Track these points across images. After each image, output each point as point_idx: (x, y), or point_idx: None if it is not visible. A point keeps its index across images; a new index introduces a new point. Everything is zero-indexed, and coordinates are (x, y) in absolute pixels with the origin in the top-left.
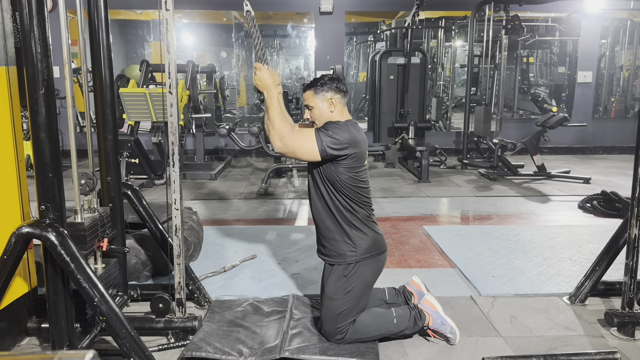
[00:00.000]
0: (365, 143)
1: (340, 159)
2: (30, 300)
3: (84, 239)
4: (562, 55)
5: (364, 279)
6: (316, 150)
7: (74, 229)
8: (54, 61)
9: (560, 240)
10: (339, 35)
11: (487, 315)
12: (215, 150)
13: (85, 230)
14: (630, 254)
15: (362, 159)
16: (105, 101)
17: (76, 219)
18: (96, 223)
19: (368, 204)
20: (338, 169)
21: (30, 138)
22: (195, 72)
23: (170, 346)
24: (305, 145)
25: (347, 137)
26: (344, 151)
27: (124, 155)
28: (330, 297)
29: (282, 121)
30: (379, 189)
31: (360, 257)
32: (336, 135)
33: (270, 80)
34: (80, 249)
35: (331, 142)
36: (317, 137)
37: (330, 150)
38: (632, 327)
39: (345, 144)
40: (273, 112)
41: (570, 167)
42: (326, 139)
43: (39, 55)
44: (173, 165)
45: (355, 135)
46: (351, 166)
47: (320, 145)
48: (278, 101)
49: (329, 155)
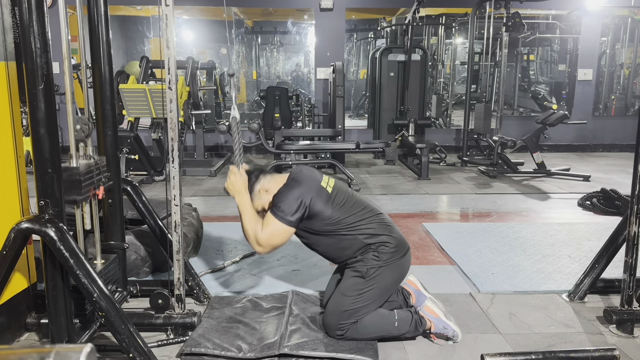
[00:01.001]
0: (313, 180)
1: (306, 213)
2: (29, 295)
3: (79, 184)
4: (562, 53)
5: (383, 285)
6: (286, 228)
7: (68, 174)
8: (53, 57)
9: (559, 237)
10: (340, 32)
11: (486, 312)
12: (215, 147)
13: (80, 174)
14: (629, 252)
15: (321, 194)
16: (104, 97)
17: (71, 164)
18: (92, 169)
19: (371, 212)
20: (318, 217)
21: (29, 134)
22: (195, 68)
23: (169, 342)
24: (276, 234)
25: (294, 195)
26: (302, 207)
27: (124, 151)
28: (342, 292)
29: (255, 224)
30: (379, 186)
31: (384, 263)
32: (286, 203)
33: (242, 185)
34: (75, 194)
35: (288, 211)
36: (277, 217)
37: (293, 217)
38: (631, 325)
39: (298, 201)
40: (245, 220)
41: (570, 165)
42: (282, 213)
43: (38, 50)
44: (173, 161)
45: (298, 187)
46: (322, 205)
47: (283, 221)
48: (249, 205)
49: (297, 221)
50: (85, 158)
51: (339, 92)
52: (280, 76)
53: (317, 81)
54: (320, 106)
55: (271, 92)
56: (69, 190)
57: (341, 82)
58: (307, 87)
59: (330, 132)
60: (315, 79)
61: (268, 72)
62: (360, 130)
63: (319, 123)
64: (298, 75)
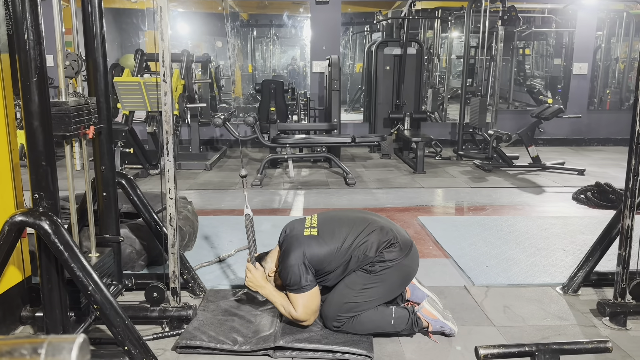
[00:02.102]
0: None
1: (314, 270)
2: (24, 289)
3: (67, 120)
4: (558, 47)
5: (388, 284)
6: (309, 294)
7: (57, 109)
8: (47, 50)
9: (554, 231)
10: (335, 25)
11: (481, 304)
12: (211, 141)
13: (69, 110)
14: (623, 245)
15: (311, 243)
16: (99, 90)
17: (60, 99)
18: (81, 107)
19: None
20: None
21: (23, 127)
22: (190, 61)
23: (164, 335)
24: (307, 304)
25: (292, 263)
26: (306, 268)
27: (119, 144)
28: (346, 285)
29: (288, 307)
30: (375, 180)
31: (390, 263)
32: (291, 275)
33: (261, 279)
34: (64, 130)
35: (299, 279)
36: (295, 292)
37: (306, 281)
38: (624, 317)
39: (300, 267)
40: (279, 308)
41: (565, 159)
42: (296, 285)
43: (32, 42)
44: (167, 154)
45: (290, 256)
46: (318, 252)
47: (301, 291)
48: (276, 294)
49: (311, 280)
50: (75, 96)
51: (334, 86)
52: (276, 69)
53: (313, 75)
54: (315, 100)
55: (267, 85)
56: (58, 126)
57: (337, 76)
58: (302, 81)
59: (326, 126)
60: (311, 72)
61: (264, 65)
62: (356, 124)
63: (315, 117)
64: (294, 68)
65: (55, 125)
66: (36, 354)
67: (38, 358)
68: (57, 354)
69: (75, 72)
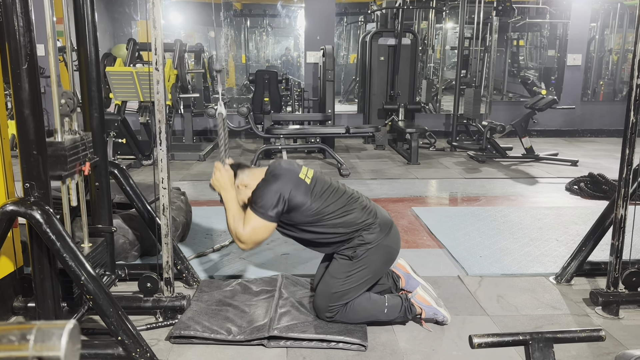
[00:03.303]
0: (290, 172)
1: (286, 207)
2: (16, 279)
3: (64, 159)
4: (552, 38)
5: (372, 266)
6: (266, 224)
7: (53, 149)
8: (38, 39)
9: (547, 221)
10: (329, 15)
11: (474, 294)
12: (204, 131)
13: (65, 149)
14: (616, 234)
15: (300, 186)
16: (91, 79)
17: (56, 139)
18: (77, 145)
19: (352, 199)
20: (298, 209)
21: (14, 116)
22: (183, 51)
23: (158, 325)
24: (257, 230)
25: (273, 189)
26: (282, 201)
27: (111, 135)
28: (331, 275)
29: (237, 221)
30: (369, 171)
31: (371, 245)
32: (264, 198)
33: (228, 182)
34: (61, 169)
35: (268, 206)
36: (256, 214)
37: (273, 212)
38: (617, 306)
39: (276, 196)
40: (229, 217)
41: (559, 150)
42: (262, 209)
43: (21, 29)
44: (160, 144)
45: (276, 181)
46: (301, 197)
47: (263, 217)
48: (234, 202)
49: (277, 215)
50: (70, 133)
51: (329, 76)
52: (269, 60)
53: (307, 65)
54: (310, 90)
55: (260, 75)
56: (54, 166)
57: (331, 66)
58: (296, 71)
59: (320, 117)
60: (305, 62)
61: (257, 55)
62: (350, 115)
63: (309, 107)
64: (288, 59)
65: (51, 166)
66: (25, 340)
67: (27, 344)
68: (46, 340)
69: (70, 110)
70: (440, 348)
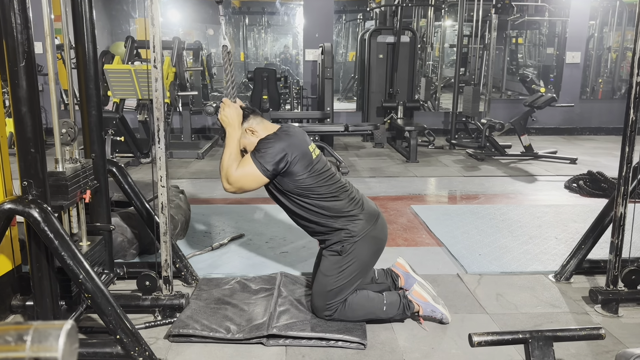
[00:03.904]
0: (302, 140)
1: (285, 169)
2: (14, 277)
3: (65, 189)
4: (550, 36)
5: (361, 259)
6: (259, 175)
7: (55, 179)
8: (36, 37)
9: (546, 219)
10: (328, 13)
11: (474, 292)
12: (202, 129)
13: (66, 179)
14: (616, 232)
15: (306, 156)
16: (89, 76)
17: (57, 169)
18: (78, 173)
19: (342, 188)
20: (293, 177)
21: (12, 114)
22: (182, 48)
23: (157, 323)
24: (248, 176)
25: (281, 146)
26: (284, 161)
27: (109, 133)
28: (323, 273)
29: (232, 161)
30: (368, 169)
31: (358, 237)
32: (269, 150)
33: (236, 118)
34: (62, 199)
35: (268, 159)
36: (254, 161)
37: (271, 167)
38: (616, 304)
39: (282, 154)
40: (226, 154)
41: (557, 148)
42: (262, 159)
43: (19, 26)
44: (159, 142)
45: (287, 140)
46: (302, 167)
47: (260, 167)
48: (236, 141)
49: (273, 172)
50: (71, 162)
51: (327, 74)
52: (268, 58)
53: (306, 63)
54: (308, 88)
55: (259, 73)
56: (56, 196)
57: (330, 64)
58: (295, 69)
59: (318, 115)
60: (304, 60)
61: (256, 53)
62: (349, 113)
63: (308, 105)
64: (286, 57)
65: (52, 195)
66: (22, 341)
67: (24, 345)
68: (43, 341)
69: (71, 139)
70: (440, 346)
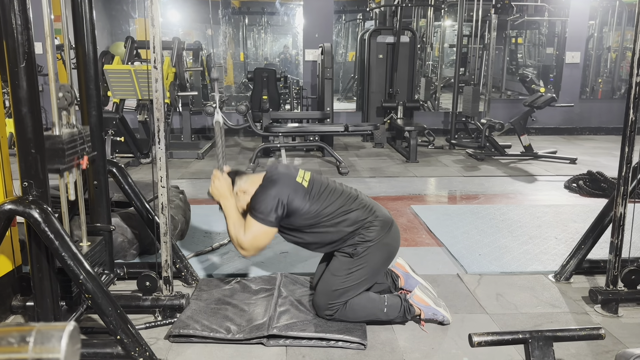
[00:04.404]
0: (288, 178)
1: (285, 211)
2: (14, 278)
3: (62, 153)
4: (550, 36)
5: (372, 264)
6: (267, 229)
7: (51, 142)
8: (36, 37)
9: (546, 219)
10: (328, 13)
11: (474, 292)
12: (202, 129)
13: (63, 143)
14: (615, 232)
15: (298, 190)
16: (89, 76)
17: (54, 132)
18: (75, 138)
19: (349, 198)
20: (297, 213)
21: (12, 115)
22: (181, 49)
23: (157, 324)
24: (258, 236)
25: (271, 194)
26: (281, 206)
27: (109, 133)
28: (332, 272)
29: (238, 228)
30: (368, 169)
31: (371, 242)
32: (263, 204)
33: (227, 189)
34: (59, 163)
35: (267, 211)
36: (256, 219)
37: (272, 217)
38: (616, 304)
39: (275, 201)
40: (229, 224)
41: (557, 148)
42: (261, 214)
43: (19, 27)
44: (159, 142)
45: (274, 187)
46: (300, 201)
47: (263, 222)
48: (234, 210)
49: (277, 219)
50: (68, 127)
51: (327, 74)
52: (268, 58)
53: (306, 63)
54: (308, 88)
55: (259, 73)
56: (52, 159)
57: (330, 64)
58: (295, 69)
59: (318, 115)
60: (304, 60)
61: (255, 53)
62: (348, 113)
63: (308, 105)
64: (286, 57)
65: (49, 159)
66: (24, 342)
67: (26, 347)
68: (46, 342)
69: (68, 104)
70: (440, 347)
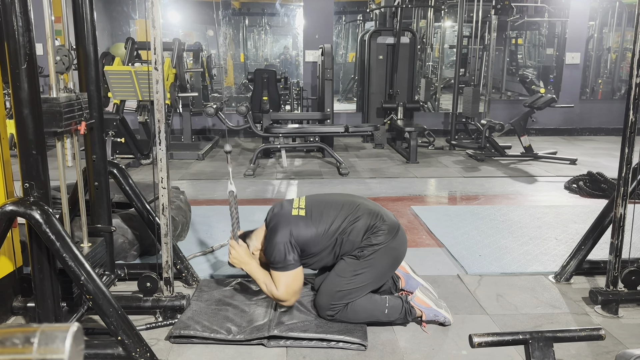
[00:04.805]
0: (285, 219)
1: (298, 248)
2: (15, 279)
3: (59, 116)
4: (550, 37)
5: (378, 268)
6: (292, 273)
7: (48, 105)
8: (37, 38)
9: (546, 220)
10: (328, 14)
11: (474, 293)
12: (203, 130)
13: (60, 106)
14: (615, 233)
15: (299, 223)
16: (89, 78)
17: (51, 95)
18: (72, 103)
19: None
20: (310, 243)
21: (13, 116)
22: (182, 50)
23: (158, 325)
24: (289, 283)
25: (279, 242)
26: (292, 246)
27: (110, 134)
28: (337, 273)
29: (270, 286)
30: (368, 170)
31: (378, 246)
32: (276, 253)
33: (245, 256)
34: (55, 126)
35: (284, 257)
36: (278, 270)
37: (291, 258)
38: (616, 305)
39: (284, 246)
40: (261, 286)
41: (557, 148)
42: (280, 263)
43: (20, 29)
44: (159, 143)
45: (277, 235)
46: (306, 232)
47: (285, 269)
48: (259, 271)
49: (296, 260)
50: (66, 91)
51: (327, 75)
52: (268, 59)
53: (306, 64)
54: (308, 89)
55: (259, 74)
56: (49, 122)
57: (330, 65)
58: (295, 70)
59: (319, 116)
60: (304, 61)
61: (256, 54)
62: (349, 114)
63: (308, 106)
64: (286, 58)
65: (46, 122)
66: (29, 343)
67: (31, 347)
68: (50, 343)
69: (66, 67)
70: (440, 347)
